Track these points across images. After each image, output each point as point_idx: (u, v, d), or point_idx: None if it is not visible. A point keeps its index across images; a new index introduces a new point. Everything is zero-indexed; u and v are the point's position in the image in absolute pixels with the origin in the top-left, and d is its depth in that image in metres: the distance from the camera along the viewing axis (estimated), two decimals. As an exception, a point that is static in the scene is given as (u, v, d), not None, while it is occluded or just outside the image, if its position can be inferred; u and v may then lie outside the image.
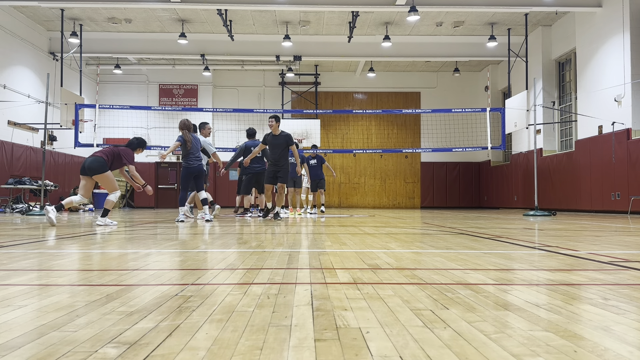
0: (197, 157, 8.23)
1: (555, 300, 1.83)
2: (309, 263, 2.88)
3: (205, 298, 1.85)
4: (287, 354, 1.19)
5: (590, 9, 13.37)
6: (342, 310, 1.65)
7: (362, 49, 17.61)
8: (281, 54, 17.60)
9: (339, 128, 21.60)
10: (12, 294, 1.96)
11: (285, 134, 8.87)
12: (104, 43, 17.27)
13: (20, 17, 15.32)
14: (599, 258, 3.14)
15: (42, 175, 12.15)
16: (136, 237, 5.07)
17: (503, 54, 16.76)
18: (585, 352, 1.20)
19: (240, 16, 15.41)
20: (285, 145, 8.76)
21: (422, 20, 15.43)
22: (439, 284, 2.17)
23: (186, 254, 3.50)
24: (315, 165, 12.61)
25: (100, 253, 3.57)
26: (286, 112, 18.36)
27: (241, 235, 5.20)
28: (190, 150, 8.13)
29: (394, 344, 1.27)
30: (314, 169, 12.55)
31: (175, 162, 21.03)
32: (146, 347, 1.23)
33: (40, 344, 1.26)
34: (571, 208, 14.59)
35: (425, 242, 4.45)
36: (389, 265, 2.80)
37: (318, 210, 12.71)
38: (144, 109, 17.68)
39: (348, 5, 13.72)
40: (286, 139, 8.79)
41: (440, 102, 20.65)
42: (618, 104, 12.45)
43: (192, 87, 20.98)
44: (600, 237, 5.05)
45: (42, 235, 5.31)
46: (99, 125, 17.53)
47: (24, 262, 2.99)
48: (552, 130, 16.33)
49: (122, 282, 2.22)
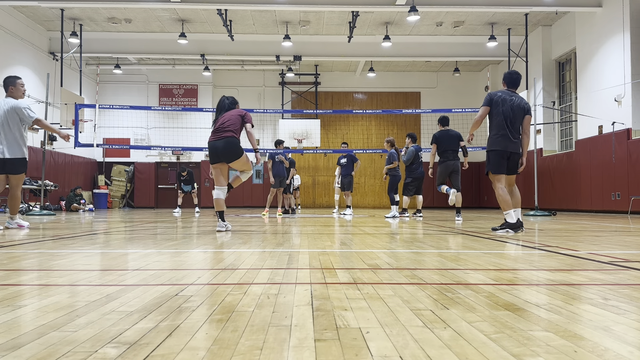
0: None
1: (555, 300, 1.83)
2: (309, 263, 2.88)
3: (205, 298, 1.85)
4: (287, 354, 1.19)
5: (590, 9, 13.37)
6: (342, 310, 1.65)
7: (362, 49, 17.61)
8: (281, 54, 17.59)
9: (339, 128, 21.59)
10: (12, 294, 1.96)
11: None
12: (104, 43, 17.27)
13: (20, 17, 15.32)
14: (599, 258, 3.14)
15: (42, 175, 12.15)
16: (136, 237, 5.07)
17: (503, 54, 16.76)
18: (585, 352, 1.19)
19: (240, 16, 15.41)
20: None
21: (422, 20, 15.42)
22: (439, 284, 2.17)
23: (186, 254, 3.50)
24: (346, 165, 12.36)
25: (100, 253, 3.57)
26: (286, 112, 18.35)
27: (242, 235, 5.19)
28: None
29: (394, 344, 1.27)
30: (345, 168, 12.32)
31: (175, 162, 21.04)
32: (146, 347, 1.23)
33: (40, 344, 1.26)
34: (571, 208, 14.59)
35: (425, 242, 4.45)
36: (389, 265, 2.80)
37: (340, 211, 12.53)
38: (144, 109, 17.69)
39: (348, 5, 13.72)
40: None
41: (440, 102, 20.63)
42: (618, 104, 12.45)
43: (192, 87, 20.98)
44: (600, 237, 5.05)
45: (41, 235, 5.31)
46: (99, 125, 17.54)
47: (24, 262, 2.99)
48: (552, 130, 16.33)
49: (122, 282, 2.22)
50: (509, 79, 5.67)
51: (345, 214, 11.87)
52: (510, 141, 5.46)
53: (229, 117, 5.83)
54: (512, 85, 5.66)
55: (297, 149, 18.87)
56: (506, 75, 5.74)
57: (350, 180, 12.30)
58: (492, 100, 5.53)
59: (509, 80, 5.68)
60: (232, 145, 5.68)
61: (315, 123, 19.64)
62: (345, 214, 11.90)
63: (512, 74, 5.69)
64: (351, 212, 12.01)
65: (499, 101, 5.49)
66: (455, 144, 8.96)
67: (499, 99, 5.51)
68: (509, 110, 5.44)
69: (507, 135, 5.44)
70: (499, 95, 5.53)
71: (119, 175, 20.54)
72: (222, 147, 5.69)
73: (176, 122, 20.70)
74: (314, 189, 21.65)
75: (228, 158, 5.71)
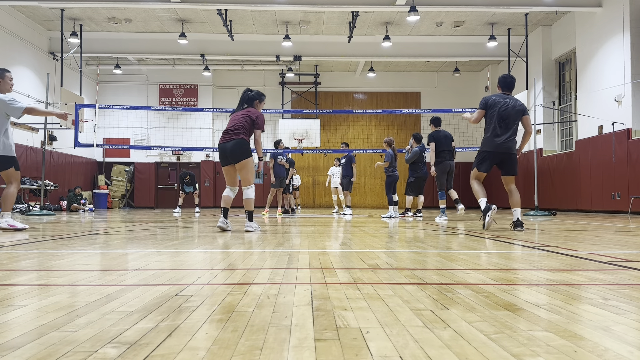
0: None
1: (555, 300, 1.83)
2: (309, 263, 2.88)
3: (205, 298, 1.84)
4: (287, 354, 1.19)
5: (590, 9, 13.37)
6: (342, 310, 1.65)
7: (362, 49, 17.61)
8: (281, 54, 17.59)
9: (339, 128, 21.59)
10: (12, 294, 1.96)
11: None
12: (104, 43, 17.27)
13: (20, 17, 15.32)
14: (599, 258, 3.14)
15: (42, 175, 12.14)
16: (136, 237, 5.07)
17: (503, 54, 16.76)
18: (585, 352, 1.19)
19: (240, 16, 15.41)
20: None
21: (422, 20, 15.42)
22: (439, 284, 2.17)
23: (186, 254, 3.50)
24: (345, 165, 12.46)
25: (100, 253, 3.57)
26: (286, 112, 18.35)
27: (242, 235, 5.20)
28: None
29: (394, 344, 1.27)
30: (344, 169, 12.43)
31: (175, 162, 21.04)
32: (146, 347, 1.23)
33: (40, 344, 1.26)
34: (571, 208, 14.59)
35: (425, 242, 4.45)
36: (389, 265, 2.80)
37: (339, 211, 12.59)
38: (144, 109, 17.68)
39: (348, 5, 13.72)
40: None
41: (440, 102, 20.62)
42: (618, 104, 12.45)
43: (192, 87, 20.98)
44: (600, 237, 5.05)
45: (41, 235, 5.31)
46: (99, 125, 17.54)
47: (24, 262, 2.99)
48: (552, 130, 16.33)
49: (122, 282, 2.22)
50: (504, 82, 5.94)
51: (345, 214, 11.88)
52: (503, 142, 5.69)
53: (239, 118, 5.71)
54: (506, 89, 5.92)
55: (297, 149, 18.87)
56: (501, 79, 6.00)
57: (348, 180, 12.33)
58: (487, 103, 5.80)
59: (503, 83, 5.94)
60: (240, 146, 5.63)
61: (315, 123, 19.64)
62: (345, 214, 11.90)
63: (506, 78, 5.97)
64: (351, 212, 12.02)
65: (494, 104, 5.76)
66: (449, 145, 9.15)
67: (493, 102, 5.78)
68: (503, 113, 5.69)
69: (500, 136, 5.69)
70: (493, 99, 5.80)
71: (119, 175, 20.54)
72: (230, 149, 5.63)
73: (176, 122, 20.70)
74: (314, 189, 21.66)
75: (235, 158, 5.65)
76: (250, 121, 5.71)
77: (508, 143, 5.70)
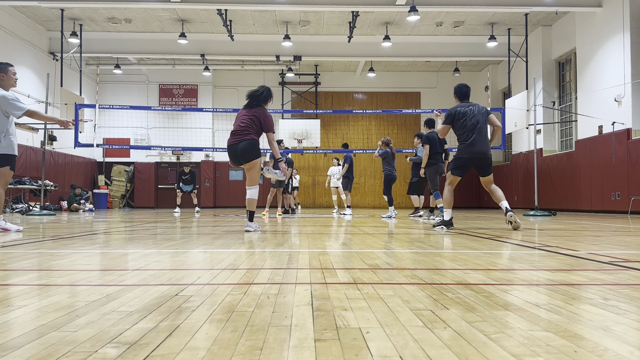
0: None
1: (555, 300, 1.83)
2: (309, 263, 2.88)
3: (205, 298, 1.84)
4: (287, 354, 1.19)
5: (590, 9, 13.37)
6: (342, 310, 1.65)
7: (362, 49, 17.61)
8: (281, 54, 17.59)
9: (339, 128, 21.59)
10: (12, 294, 1.96)
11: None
12: (104, 43, 17.27)
13: (20, 17, 15.32)
14: (599, 258, 3.14)
15: (42, 175, 12.14)
16: (136, 237, 5.07)
17: (503, 54, 16.76)
18: (585, 352, 1.19)
19: (240, 16, 15.41)
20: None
21: (422, 20, 15.42)
22: (439, 284, 2.17)
23: (186, 254, 3.50)
24: (344, 165, 12.54)
25: (100, 253, 3.57)
26: (286, 112, 18.35)
27: (242, 235, 5.19)
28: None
29: (394, 344, 1.27)
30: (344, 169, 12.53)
31: (175, 162, 21.03)
32: (146, 347, 1.23)
33: (40, 344, 1.26)
34: (571, 208, 14.59)
35: (425, 242, 4.45)
36: (389, 265, 2.80)
37: (339, 211, 12.63)
38: (144, 109, 17.68)
39: (348, 5, 13.72)
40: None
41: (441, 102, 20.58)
42: (618, 104, 12.45)
43: (192, 87, 20.98)
44: (600, 237, 5.05)
45: (41, 235, 5.31)
46: (99, 125, 17.54)
47: (24, 262, 2.99)
48: (552, 130, 16.33)
49: (122, 282, 2.22)
50: (460, 92, 6.26)
51: (345, 214, 11.88)
52: (479, 146, 5.92)
53: (247, 119, 5.64)
54: (465, 98, 6.24)
55: (297, 149, 18.87)
56: (457, 89, 6.31)
57: (347, 180, 12.35)
58: (453, 117, 6.07)
59: (460, 93, 6.26)
60: (252, 146, 5.59)
61: (315, 123, 19.63)
62: (344, 214, 11.90)
63: (462, 88, 6.28)
64: (351, 212, 12.03)
65: (459, 115, 6.03)
66: (442, 147, 9.28)
67: (458, 114, 6.04)
68: (473, 119, 5.96)
69: (477, 143, 5.92)
70: (458, 110, 6.07)
71: (119, 175, 20.54)
72: (241, 149, 5.57)
73: (176, 122, 20.69)
74: (314, 189, 21.65)
75: (246, 158, 5.61)
76: (259, 122, 5.67)
77: (484, 147, 5.95)
